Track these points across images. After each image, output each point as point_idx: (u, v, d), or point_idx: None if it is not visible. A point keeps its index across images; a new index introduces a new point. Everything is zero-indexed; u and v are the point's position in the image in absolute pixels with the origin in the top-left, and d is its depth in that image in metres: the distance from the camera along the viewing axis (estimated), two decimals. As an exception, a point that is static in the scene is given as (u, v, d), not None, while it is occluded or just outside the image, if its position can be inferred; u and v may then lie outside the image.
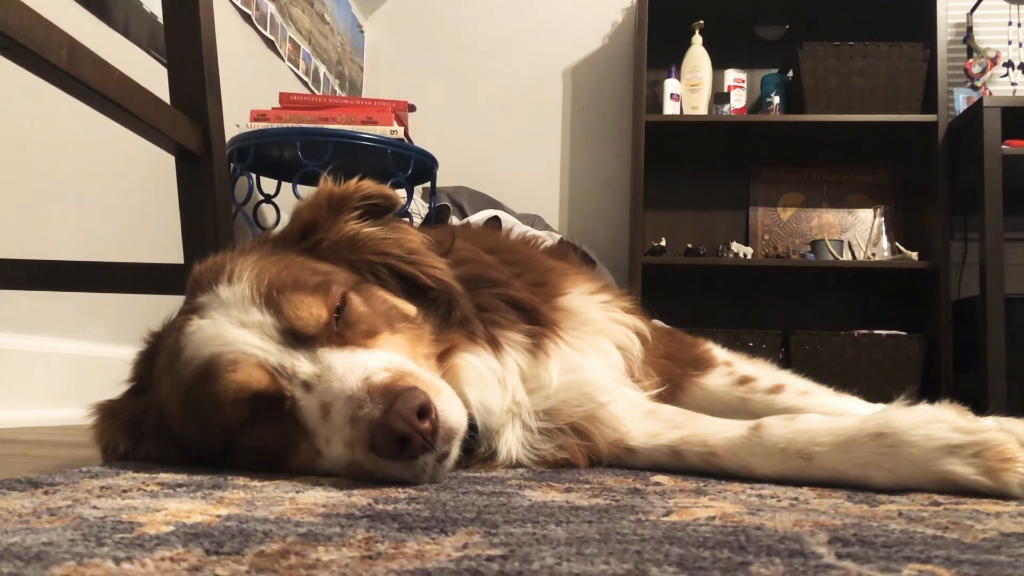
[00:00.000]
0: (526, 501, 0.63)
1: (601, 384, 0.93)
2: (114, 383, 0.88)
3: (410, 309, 0.85)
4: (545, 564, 0.41)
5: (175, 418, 0.79)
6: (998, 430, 0.67)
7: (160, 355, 0.81)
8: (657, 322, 1.21)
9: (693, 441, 0.85)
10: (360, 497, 0.62)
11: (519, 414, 0.89)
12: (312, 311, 0.74)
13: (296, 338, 0.74)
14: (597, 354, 0.97)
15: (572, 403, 0.91)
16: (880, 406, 1.00)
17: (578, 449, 0.90)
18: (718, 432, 0.84)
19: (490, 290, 0.93)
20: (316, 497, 0.62)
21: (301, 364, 0.72)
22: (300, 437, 0.73)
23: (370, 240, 0.88)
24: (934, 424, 0.68)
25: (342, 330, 0.75)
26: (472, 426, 0.83)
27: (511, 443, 0.88)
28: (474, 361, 0.86)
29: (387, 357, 0.74)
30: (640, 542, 0.47)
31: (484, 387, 0.85)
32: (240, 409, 0.73)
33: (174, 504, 0.57)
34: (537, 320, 0.93)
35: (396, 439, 0.66)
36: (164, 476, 0.71)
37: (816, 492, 0.70)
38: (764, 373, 1.07)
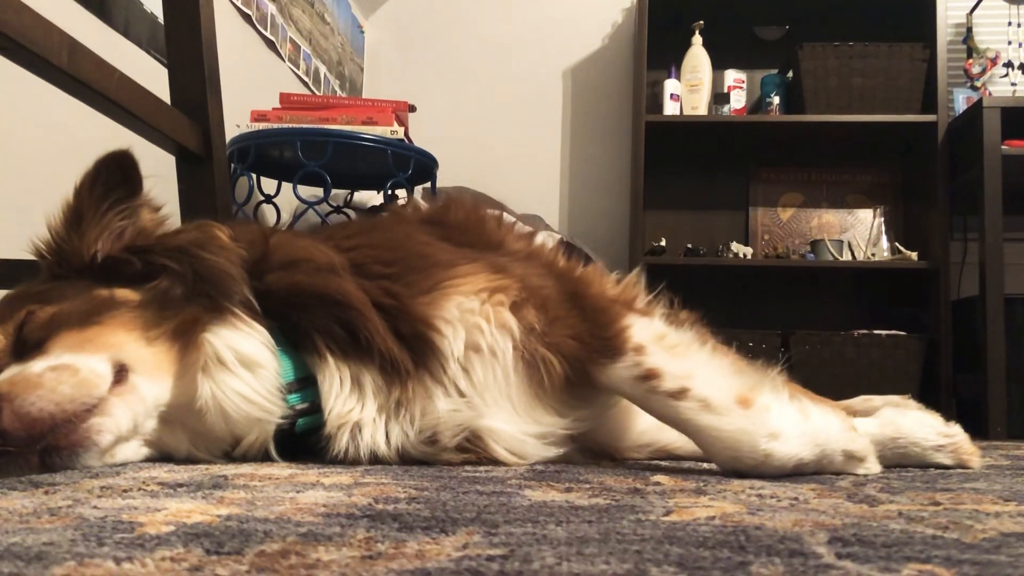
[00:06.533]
0: (526, 501, 0.63)
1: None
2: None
3: (125, 296, 0.88)
4: (545, 564, 0.41)
5: None
6: (963, 434, 1.02)
7: None
8: (579, 271, 1.07)
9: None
10: (360, 497, 0.62)
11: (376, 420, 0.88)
12: None
13: None
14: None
15: (452, 428, 0.91)
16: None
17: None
18: None
19: (326, 311, 0.88)
20: (316, 497, 0.62)
21: None
22: None
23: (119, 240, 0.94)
24: (927, 429, 1.00)
25: (19, 348, 0.83)
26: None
27: (354, 441, 0.87)
28: (224, 338, 0.85)
29: (26, 367, 0.78)
30: (640, 542, 0.47)
31: (224, 371, 0.83)
32: None
33: (174, 504, 0.57)
34: (395, 367, 0.88)
35: None
36: (164, 476, 0.71)
37: (816, 492, 0.70)
38: (674, 369, 0.90)
